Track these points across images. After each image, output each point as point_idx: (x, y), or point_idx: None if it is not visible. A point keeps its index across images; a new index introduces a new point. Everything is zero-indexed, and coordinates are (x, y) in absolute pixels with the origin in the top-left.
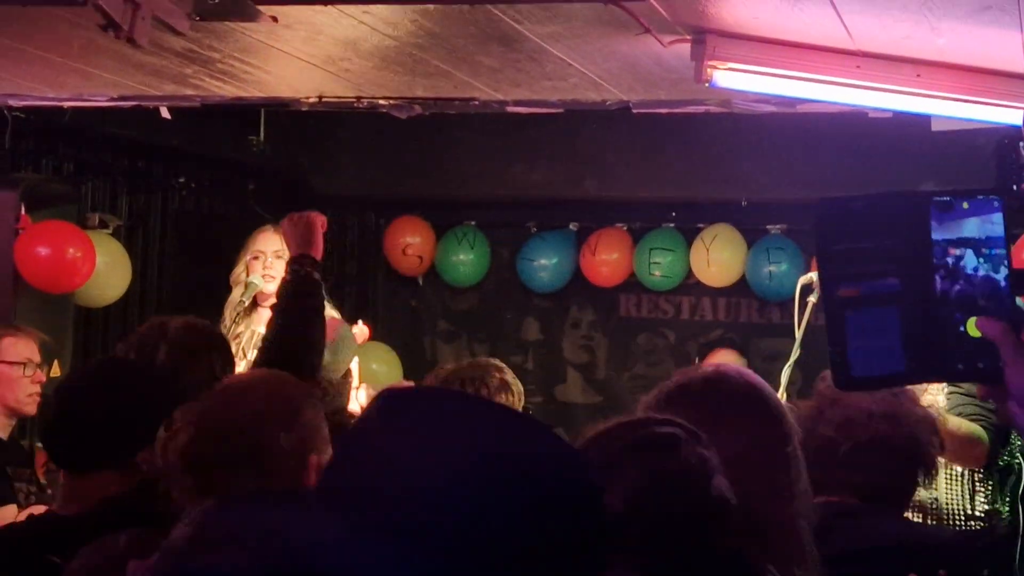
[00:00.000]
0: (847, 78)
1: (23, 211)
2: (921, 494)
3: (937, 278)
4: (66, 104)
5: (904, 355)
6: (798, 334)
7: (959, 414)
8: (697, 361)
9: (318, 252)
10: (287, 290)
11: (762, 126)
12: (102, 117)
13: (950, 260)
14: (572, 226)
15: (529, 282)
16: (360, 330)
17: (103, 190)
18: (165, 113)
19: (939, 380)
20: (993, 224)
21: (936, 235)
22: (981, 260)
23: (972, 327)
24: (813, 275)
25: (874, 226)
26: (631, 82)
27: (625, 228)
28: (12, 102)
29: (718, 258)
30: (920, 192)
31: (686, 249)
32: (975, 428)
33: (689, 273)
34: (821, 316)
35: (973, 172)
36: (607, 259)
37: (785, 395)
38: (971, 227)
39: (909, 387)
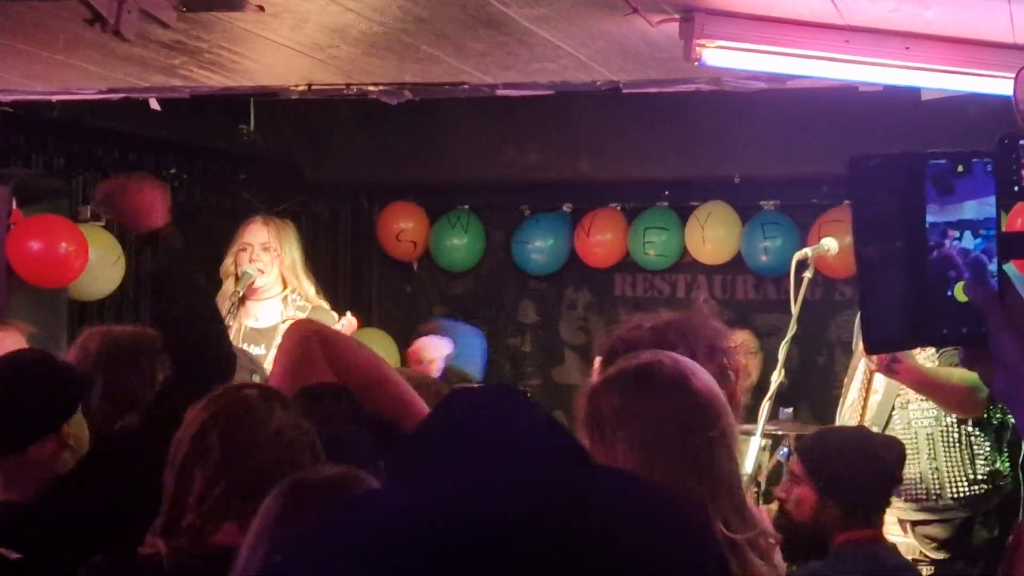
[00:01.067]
0: (836, 53)
1: (14, 206)
2: (921, 464)
3: (929, 243)
4: (55, 98)
5: (903, 318)
6: (794, 310)
7: (955, 364)
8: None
9: (157, 220)
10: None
11: (753, 102)
12: (91, 110)
13: (942, 224)
14: (566, 207)
15: (524, 265)
16: (348, 322)
17: (94, 183)
18: (154, 105)
19: (925, 345)
20: (985, 188)
21: (931, 201)
22: (970, 226)
23: (960, 292)
24: (808, 250)
25: (883, 187)
26: (620, 62)
27: (619, 208)
28: (0, 97)
29: (713, 235)
30: (918, 154)
31: (681, 227)
32: (973, 377)
33: (684, 251)
34: (816, 291)
35: (964, 142)
36: (602, 240)
37: (783, 371)
38: (964, 192)
39: None
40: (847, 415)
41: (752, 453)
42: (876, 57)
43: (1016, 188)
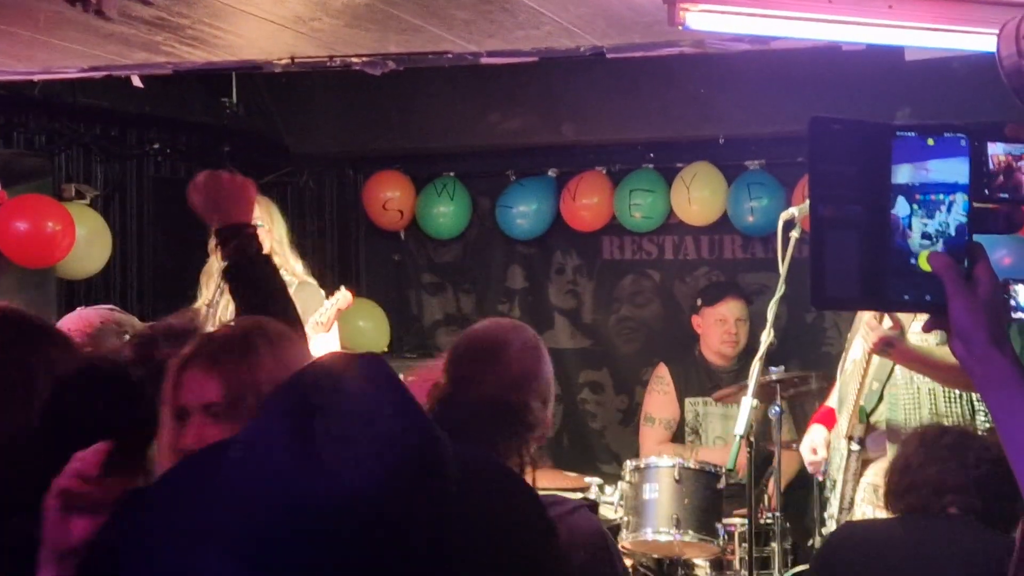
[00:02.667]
0: (820, 13)
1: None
2: (922, 418)
3: (894, 210)
4: (36, 77)
5: (860, 280)
6: (782, 269)
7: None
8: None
9: (245, 215)
10: (234, 284)
11: (737, 63)
12: (72, 87)
13: (908, 195)
14: (551, 172)
15: (509, 230)
16: (344, 296)
17: (77, 160)
18: (137, 82)
19: (887, 309)
20: (956, 163)
21: (898, 170)
22: (941, 197)
23: (923, 261)
24: (795, 210)
25: (847, 150)
26: (604, 28)
27: (604, 171)
28: None
29: (699, 196)
30: (887, 124)
31: (666, 189)
32: None
33: (670, 213)
34: (804, 250)
35: (948, 100)
36: (588, 203)
37: (772, 331)
38: (933, 166)
39: None
40: (849, 371)
41: (744, 413)
42: (859, 16)
43: (987, 192)
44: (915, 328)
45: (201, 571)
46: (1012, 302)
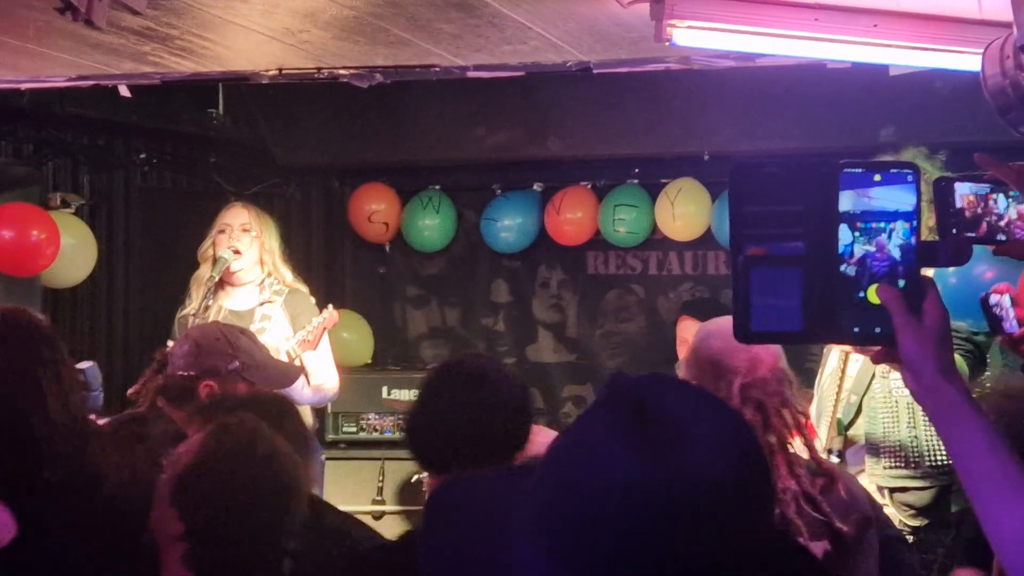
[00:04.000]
0: (806, 31)
1: None
2: (901, 433)
3: (842, 245)
4: (24, 86)
5: (803, 315)
6: None
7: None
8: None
9: None
10: None
11: (722, 79)
12: (60, 96)
13: (856, 230)
14: (536, 186)
15: (493, 243)
16: (331, 315)
17: (64, 170)
18: (124, 92)
19: (836, 342)
20: (904, 197)
21: (844, 204)
22: (888, 232)
23: (872, 294)
24: None
25: (785, 190)
26: (591, 43)
27: (589, 186)
28: None
29: (683, 212)
30: (832, 161)
31: (651, 204)
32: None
33: (655, 228)
34: None
35: (930, 117)
36: (572, 218)
37: None
38: (880, 200)
39: None
40: (826, 383)
41: None
42: (845, 35)
43: (955, 231)
44: (856, 358)
45: (509, 562)
46: (998, 312)
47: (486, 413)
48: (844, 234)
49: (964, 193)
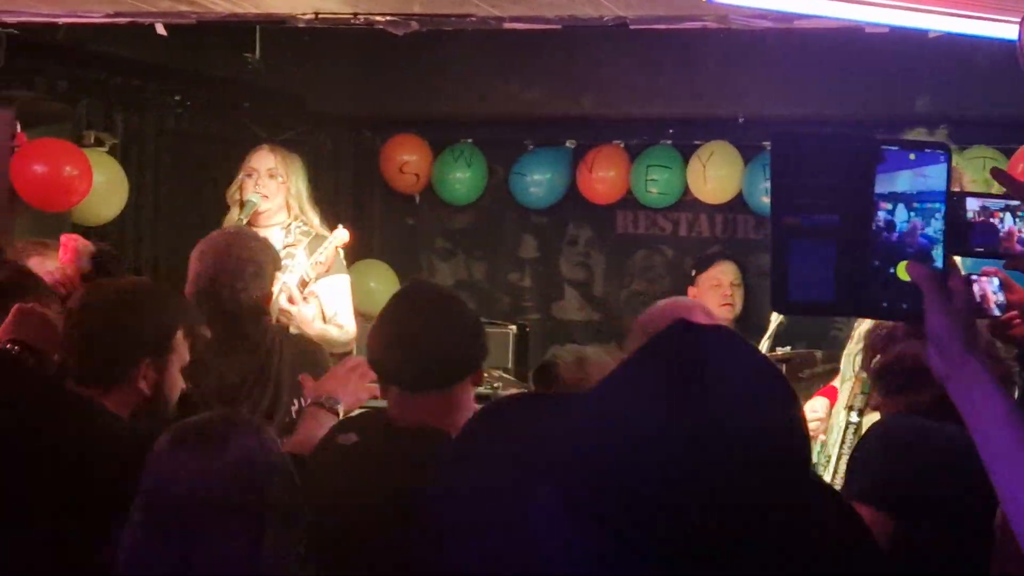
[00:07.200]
0: None
1: (18, 129)
2: None
3: (875, 221)
4: (60, 21)
5: (835, 287)
6: None
7: None
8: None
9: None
10: None
11: (759, 42)
12: (95, 35)
13: (890, 206)
14: (569, 143)
15: (522, 198)
16: (340, 233)
17: (98, 108)
18: (161, 30)
19: (864, 315)
20: (936, 178)
21: (879, 181)
22: (918, 211)
23: (902, 270)
24: None
25: (823, 163)
26: None
27: (622, 145)
28: (5, 18)
29: (715, 175)
30: (871, 136)
31: (683, 166)
32: None
33: (686, 190)
34: None
35: (968, 87)
36: (604, 176)
37: None
38: (914, 179)
39: None
40: (853, 349)
41: None
42: None
43: (963, 245)
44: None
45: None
46: (979, 293)
47: (448, 333)
48: (878, 210)
49: (975, 208)
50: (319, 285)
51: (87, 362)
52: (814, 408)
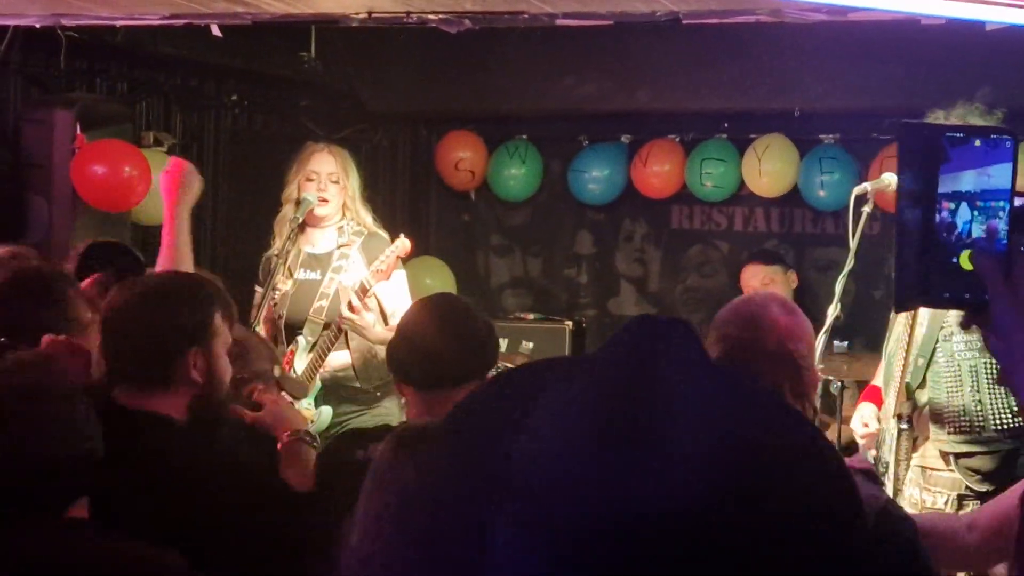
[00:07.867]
0: None
1: (79, 130)
2: (964, 397)
3: (938, 210)
4: (118, 23)
5: (913, 281)
6: (852, 244)
7: None
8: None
9: None
10: None
11: (814, 34)
12: (153, 36)
13: (951, 193)
14: (624, 138)
15: (580, 194)
16: (402, 243)
17: (156, 109)
18: (216, 31)
19: (926, 306)
20: (1002, 163)
21: (943, 169)
22: (985, 198)
23: (965, 259)
24: (867, 185)
25: (904, 155)
26: None
27: (677, 139)
28: (65, 22)
29: (770, 168)
30: (938, 125)
31: (738, 160)
32: None
33: (741, 184)
34: (875, 226)
35: None
36: (659, 171)
37: (839, 305)
38: (979, 166)
39: None
40: (893, 348)
41: None
42: None
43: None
44: (922, 323)
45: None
46: None
47: (458, 339)
48: (943, 199)
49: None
50: (377, 290)
51: (134, 364)
52: (863, 416)
